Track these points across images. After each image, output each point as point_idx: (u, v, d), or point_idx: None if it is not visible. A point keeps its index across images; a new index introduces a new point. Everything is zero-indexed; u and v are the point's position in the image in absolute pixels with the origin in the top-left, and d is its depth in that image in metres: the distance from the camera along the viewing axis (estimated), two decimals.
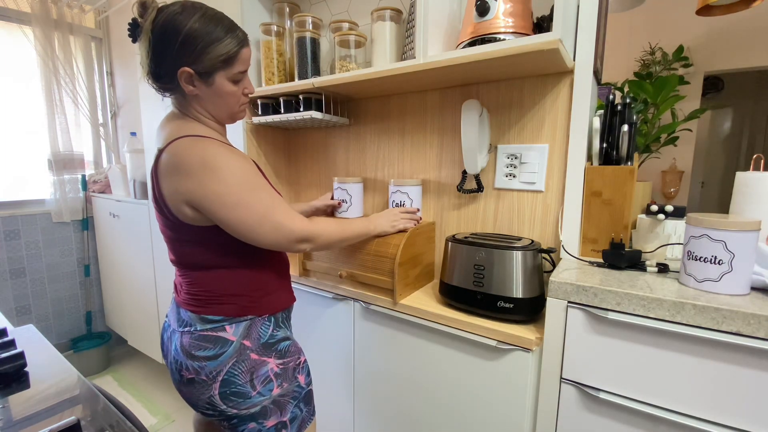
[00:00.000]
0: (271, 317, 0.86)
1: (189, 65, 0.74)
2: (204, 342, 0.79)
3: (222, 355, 0.79)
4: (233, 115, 0.85)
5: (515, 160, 1.15)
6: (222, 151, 0.74)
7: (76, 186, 2.34)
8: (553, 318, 0.85)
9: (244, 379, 0.80)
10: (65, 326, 2.38)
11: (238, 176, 0.73)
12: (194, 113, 0.81)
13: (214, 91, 0.78)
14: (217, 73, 0.76)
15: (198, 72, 0.75)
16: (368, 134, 1.47)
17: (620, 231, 0.97)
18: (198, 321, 0.81)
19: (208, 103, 0.80)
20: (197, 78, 0.75)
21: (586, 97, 1.00)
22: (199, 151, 0.73)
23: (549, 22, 0.95)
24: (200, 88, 0.77)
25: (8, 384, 0.67)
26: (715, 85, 2.31)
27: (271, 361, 0.83)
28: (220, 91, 0.78)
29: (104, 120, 2.54)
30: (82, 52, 2.35)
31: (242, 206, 0.73)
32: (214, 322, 0.80)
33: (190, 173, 0.72)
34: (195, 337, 0.80)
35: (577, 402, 0.84)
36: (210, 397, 0.79)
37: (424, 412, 1.08)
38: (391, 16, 1.22)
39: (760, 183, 0.85)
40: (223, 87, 0.78)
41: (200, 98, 0.79)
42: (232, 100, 0.81)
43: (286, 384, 0.85)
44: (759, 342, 0.64)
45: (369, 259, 1.14)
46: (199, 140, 0.75)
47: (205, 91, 0.78)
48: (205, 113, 0.81)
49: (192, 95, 0.78)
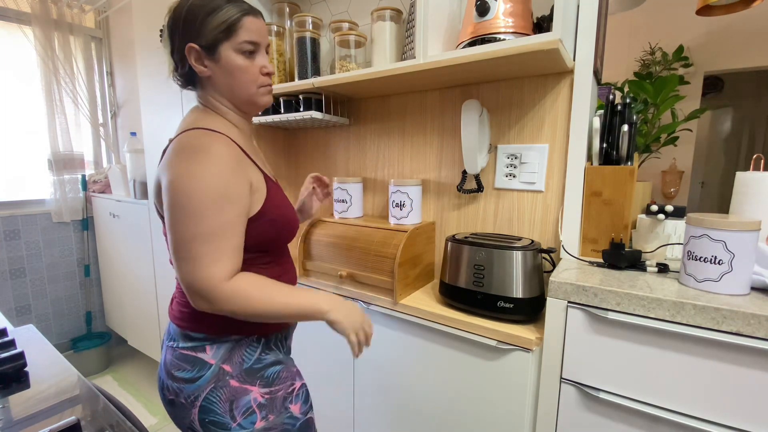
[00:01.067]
0: (260, 338, 0.76)
1: (193, 40, 0.70)
2: (183, 362, 0.72)
3: (199, 379, 0.71)
4: (252, 98, 0.75)
5: (515, 160, 1.15)
6: (218, 151, 0.65)
7: (76, 186, 2.34)
8: (553, 318, 0.85)
9: (223, 408, 0.71)
10: (65, 326, 2.38)
11: (207, 184, 0.63)
12: (214, 103, 0.75)
13: (223, 67, 0.72)
14: (220, 44, 0.70)
15: (203, 47, 0.70)
16: (368, 134, 1.47)
17: (620, 231, 0.97)
18: (181, 337, 0.74)
19: (223, 86, 0.73)
20: (204, 55, 0.71)
21: (586, 97, 1.00)
22: (195, 140, 0.66)
23: (549, 22, 0.95)
24: (210, 66, 0.72)
25: (8, 384, 0.67)
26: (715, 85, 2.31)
27: (254, 390, 0.73)
28: (230, 66, 0.72)
29: (104, 120, 2.54)
30: (82, 52, 2.35)
31: (183, 214, 0.63)
32: (196, 340, 0.73)
33: (169, 177, 0.64)
34: (176, 356, 0.73)
35: (577, 402, 0.84)
36: (191, 422, 0.73)
37: (424, 412, 1.08)
38: (391, 16, 1.22)
39: (760, 183, 0.85)
40: (231, 60, 0.71)
41: (214, 81, 0.73)
42: (246, 77, 0.73)
43: (273, 416, 0.74)
44: (759, 342, 0.64)
45: (369, 259, 1.14)
46: (207, 134, 0.68)
47: (216, 70, 0.72)
48: (224, 101, 0.75)
49: (205, 78, 0.73)
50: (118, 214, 2.13)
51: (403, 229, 1.15)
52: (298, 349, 1.36)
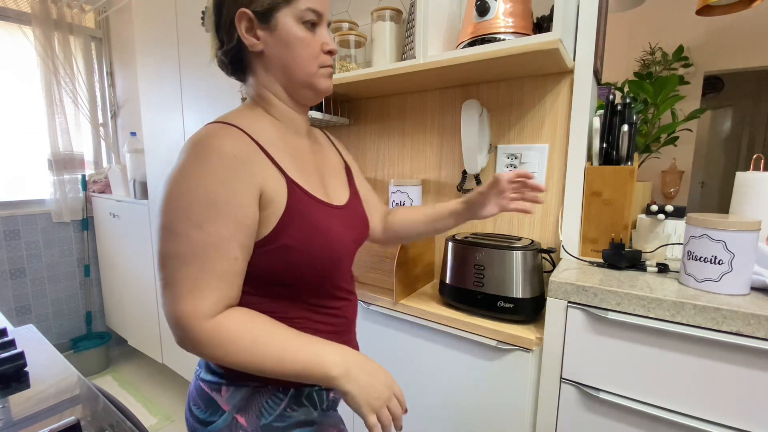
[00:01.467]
0: (287, 390, 0.60)
1: (247, 6, 0.58)
2: (199, 398, 0.60)
3: (211, 425, 0.58)
4: (310, 79, 0.61)
5: (515, 160, 1.15)
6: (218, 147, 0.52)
7: (76, 186, 2.34)
8: (553, 318, 0.85)
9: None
10: (65, 326, 2.38)
11: (191, 187, 0.50)
12: (263, 94, 0.62)
13: (280, 38, 0.59)
14: (278, 10, 0.58)
15: (257, 13, 0.58)
16: (368, 134, 1.47)
17: (620, 231, 0.97)
18: (204, 366, 0.62)
19: (276, 64, 0.60)
20: (258, 23, 0.58)
21: (586, 97, 1.00)
22: (200, 135, 0.54)
23: (549, 22, 0.95)
24: (264, 38, 0.59)
25: (8, 384, 0.67)
26: (715, 85, 2.31)
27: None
28: (288, 37, 0.58)
29: (104, 120, 2.54)
30: (82, 52, 2.35)
31: (162, 224, 0.51)
32: (215, 375, 0.60)
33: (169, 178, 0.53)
34: (196, 387, 0.62)
35: (577, 402, 0.84)
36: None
37: (424, 412, 1.08)
38: (391, 16, 1.22)
39: (760, 183, 0.85)
40: (290, 30, 0.58)
41: (266, 59, 0.60)
42: (306, 52, 0.59)
43: None
44: (759, 342, 0.64)
45: (369, 259, 1.14)
46: (220, 127, 0.54)
47: (270, 42, 0.59)
48: (276, 88, 0.62)
49: (256, 57, 0.61)
50: (118, 214, 2.13)
51: None
52: None
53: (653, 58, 2.26)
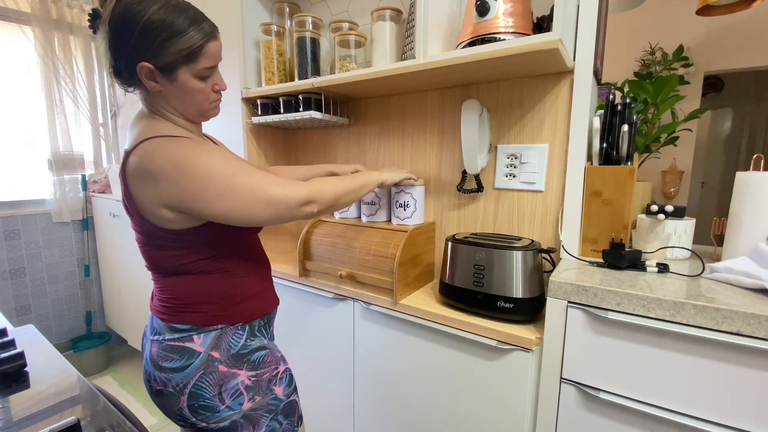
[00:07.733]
0: (245, 326, 0.81)
1: (148, 60, 0.67)
2: (170, 353, 0.76)
3: (188, 367, 0.75)
4: (204, 113, 0.78)
5: (515, 160, 1.15)
6: (191, 147, 0.69)
7: (76, 186, 2.34)
8: (553, 318, 0.85)
9: (212, 392, 0.76)
10: (65, 326, 2.38)
11: (212, 169, 0.68)
12: (162, 111, 0.75)
13: (178, 87, 0.72)
14: (179, 68, 0.70)
15: (159, 67, 0.68)
16: (368, 134, 1.47)
17: (620, 231, 0.97)
18: (166, 330, 0.77)
19: (175, 100, 0.74)
20: (158, 74, 0.69)
21: (586, 97, 1.00)
22: (168, 153, 0.68)
23: (549, 22, 0.95)
24: (163, 84, 0.71)
25: (8, 384, 0.67)
26: (715, 85, 2.31)
27: (241, 374, 0.78)
28: (186, 88, 0.72)
29: (104, 120, 2.54)
30: (82, 52, 2.35)
31: (226, 196, 0.69)
32: (182, 332, 0.76)
33: (164, 177, 0.67)
34: (162, 347, 0.77)
35: (577, 402, 0.84)
36: (179, 409, 0.77)
37: (424, 412, 1.08)
38: (391, 16, 1.22)
39: (760, 183, 0.85)
40: (188, 83, 0.72)
41: (165, 95, 0.73)
42: (200, 97, 0.75)
43: (259, 397, 0.80)
44: (759, 342, 0.64)
45: (369, 259, 1.14)
46: (169, 141, 0.69)
47: (170, 88, 0.71)
48: (173, 111, 0.75)
49: (156, 92, 0.72)
50: (118, 214, 2.13)
51: (403, 229, 1.15)
52: (299, 350, 1.36)
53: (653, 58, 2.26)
